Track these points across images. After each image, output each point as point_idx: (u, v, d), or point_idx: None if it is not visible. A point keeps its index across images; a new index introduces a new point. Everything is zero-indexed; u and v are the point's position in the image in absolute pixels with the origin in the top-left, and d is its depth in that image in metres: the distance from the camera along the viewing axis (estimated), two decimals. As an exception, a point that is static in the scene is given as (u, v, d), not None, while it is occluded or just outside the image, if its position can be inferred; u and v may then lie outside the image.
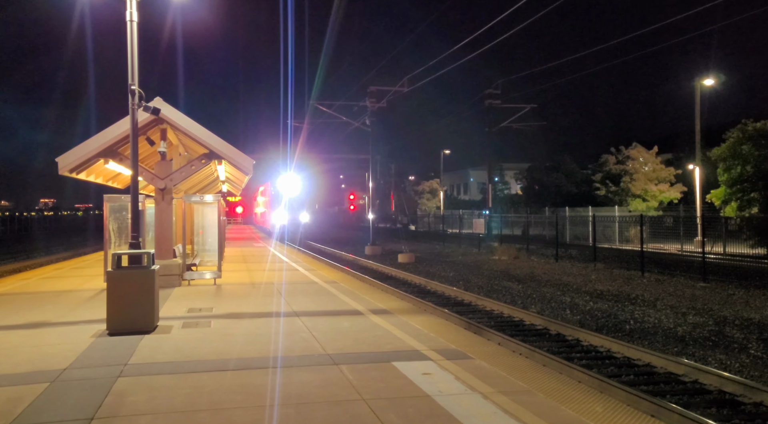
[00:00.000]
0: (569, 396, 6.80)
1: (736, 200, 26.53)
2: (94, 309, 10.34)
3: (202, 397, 5.62)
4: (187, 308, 10.70)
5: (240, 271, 17.37)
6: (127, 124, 11.76)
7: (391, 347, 7.65)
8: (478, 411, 5.21)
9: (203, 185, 26.87)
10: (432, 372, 6.44)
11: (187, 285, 13.84)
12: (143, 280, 8.63)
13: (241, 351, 7.44)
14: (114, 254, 8.90)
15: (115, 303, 8.49)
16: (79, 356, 7.17)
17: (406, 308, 12.31)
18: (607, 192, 38.57)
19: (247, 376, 6.30)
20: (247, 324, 9.22)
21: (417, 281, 20.63)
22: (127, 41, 9.61)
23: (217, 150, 13.57)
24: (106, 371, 6.48)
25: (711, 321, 13.39)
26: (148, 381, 6.13)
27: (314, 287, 13.74)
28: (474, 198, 74.33)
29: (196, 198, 15.66)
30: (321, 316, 9.91)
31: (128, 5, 9.56)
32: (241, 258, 22.16)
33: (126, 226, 13.16)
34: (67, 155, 12.71)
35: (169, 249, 13.65)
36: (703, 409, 7.69)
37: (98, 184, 16.71)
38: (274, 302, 11.45)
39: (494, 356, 8.23)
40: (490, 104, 38.16)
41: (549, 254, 30.07)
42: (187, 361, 6.95)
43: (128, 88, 9.61)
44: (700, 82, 30.95)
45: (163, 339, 8.12)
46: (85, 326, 8.96)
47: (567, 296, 17.23)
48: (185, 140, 15.36)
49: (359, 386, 5.93)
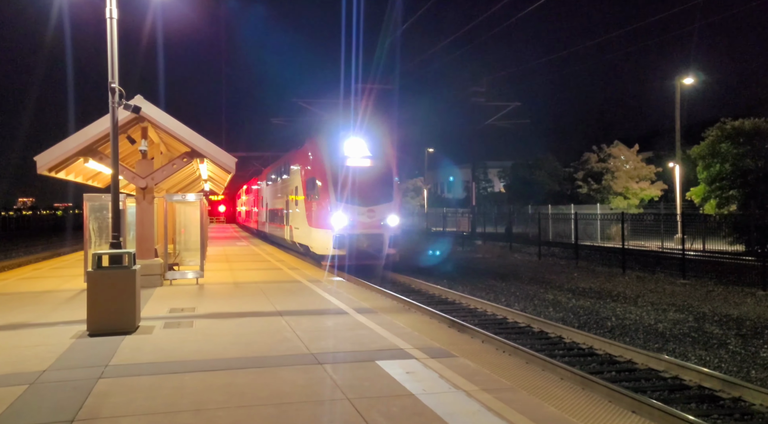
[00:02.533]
0: (552, 393, 6.86)
1: (715, 198, 26.91)
2: (75, 310, 10.21)
3: (184, 398, 5.57)
4: (168, 308, 10.61)
5: (223, 270, 17.26)
6: (107, 122, 11.63)
7: (375, 345, 7.65)
8: (461, 409, 5.23)
9: (185, 184, 26.66)
10: (416, 371, 6.44)
11: (169, 285, 13.73)
12: (124, 280, 8.55)
13: (223, 351, 7.40)
14: (94, 253, 8.79)
15: (96, 304, 8.40)
16: (59, 358, 7.08)
17: (390, 306, 12.32)
18: (589, 190, 38.91)
19: (229, 376, 6.26)
20: (229, 324, 9.16)
21: (401, 279, 20.66)
22: (107, 39, 9.49)
23: (199, 148, 13.46)
24: (86, 373, 6.40)
25: (691, 318, 13.57)
26: (129, 382, 6.06)
27: (298, 286, 13.69)
28: (458, 196, 74.60)
29: (178, 197, 15.52)
30: (304, 315, 9.88)
31: (108, 2, 9.44)
32: (224, 257, 22.02)
33: (106, 225, 13.00)
34: (46, 154, 12.53)
35: (150, 249, 13.52)
36: (683, 404, 7.79)
37: (78, 183, 16.51)
38: (258, 301, 11.39)
39: (478, 354, 8.28)
40: (474, 102, 38.29)
41: (532, 251, 30.26)
42: (169, 361, 6.89)
43: (108, 85, 9.49)
44: (680, 80, 31.30)
45: (144, 340, 8.04)
46: (65, 327, 8.85)
47: (550, 294, 17.35)
48: (167, 139, 15.21)
49: (343, 385, 5.92)
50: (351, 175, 21.08)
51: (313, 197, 21.90)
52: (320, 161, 21.58)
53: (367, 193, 21.06)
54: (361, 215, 20.75)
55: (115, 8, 9.47)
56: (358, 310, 10.35)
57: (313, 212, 21.92)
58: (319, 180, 21.51)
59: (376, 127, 22.31)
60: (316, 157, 22.09)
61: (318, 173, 21.68)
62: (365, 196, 21.01)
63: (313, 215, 21.94)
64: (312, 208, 22.06)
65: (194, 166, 17.85)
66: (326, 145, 21.66)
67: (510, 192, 52.20)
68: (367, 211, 20.86)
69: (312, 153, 22.76)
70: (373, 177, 21.43)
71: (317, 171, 21.79)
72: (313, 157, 22.46)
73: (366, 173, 21.37)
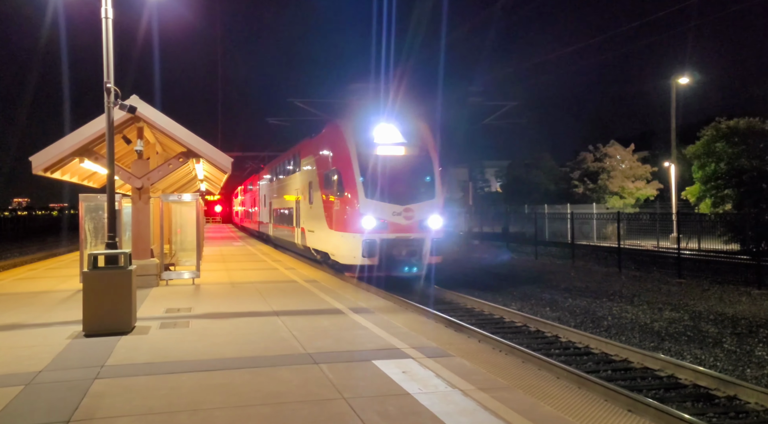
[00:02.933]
0: (548, 392, 6.87)
1: (711, 197, 27.01)
2: (70, 310, 10.19)
3: (181, 398, 5.56)
4: (165, 308, 10.59)
5: (219, 270, 17.24)
6: (102, 122, 11.58)
7: (371, 345, 7.65)
8: (458, 408, 5.23)
9: (181, 184, 26.62)
10: (412, 370, 6.45)
11: (165, 285, 13.71)
12: (120, 280, 8.53)
13: (220, 351, 7.39)
14: (90, 254, 8.77)
15: (92, 304, 8.38)
16: (55, 358, 7.06)
17: (387, 306, 12.32)
18: (585, 190, 39.00)
19: (226, 376, 6.26)
20: (226, 324, 9.15)
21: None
22: (102, 39, 9.47)
23: (194, 148, 13.44)
24: (82, 373, 6.39)
25: (686, 316, 13.61)
26: (125, 383, 6.05)
27: (294, 286, 13.68)
28: (454, 196, 74.61)
29: (174, 197, 15.49)
30: (301, 315, 9.88)
31: (103, 2, 9.42)
32: (220, 258, 21.99)
33: (102, 226, 12.98)
34: (41, 154, 12.50)
35: (146, 249, 13.50)
36: (679, 403, 7.81)
37: (74, 183, 16.46)
38: (254, 301, 11.38)
39: (474, 354, 8.28)
40: (471, 101, 38.32)
41: (529, 251, 30.31)
42: (166, 362, 6.88)
43: (104, 85, 9.48)
44: (676, 80, 31.39)
45: (140, 340, 8.03)
46: (61, 328, 8.83)
47: (546, 293, 17.38)
48: (162, 139, 15.18)
49: (339, 384, 5.92)
50: (383, 167, 17.29)
51: (335, 193, 17.84)
52: (344, 149, 17.63)
53: (404, 189, 17.42)
54: (395, 215, 17.12)
55: (111, 8, 9.45)
56: (355, 309, 10.35)
57: (335, 211, 17.96)
58: (342, 172, 17.51)
59: (413, 109, 18.75)
60: (340, 145, 18.00)
61: (341, 164, 17.67)
62: (401, 192, 17.33)
63: (335, 215, 17.96)
64: (333, 206, 18.06)
65: (190, 166, 17.83)
66: (353, 129, 17.83)
67: (506, 192, 52.24)
68: (403, 210, 17.14)
69: (333, 140, 18.58)
70: (410, 169, 17.69)
71: (340, 161, 17.78)
72: (336, 145, 18.34)
73: (401, 164, 17.67)
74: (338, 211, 17.86)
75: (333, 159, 18.48)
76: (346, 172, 17.46)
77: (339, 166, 17.86)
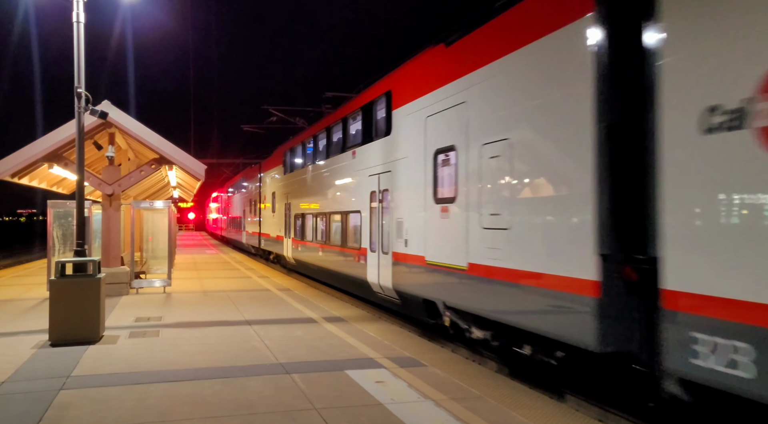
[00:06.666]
0: (521, 402, 6.89)
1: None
2: (37, 319, 9.94)
3: (149, 409, 5.46)
4: (134, 317, 10.41)
5: (191, 279, 17.02)
6: (72, 127, 11.38)
7: (344, 355, 7.61)
8: (430, 418, 5.22)
9: (154, 191, 26.28)
10: (385, 380, 6.43)
11: (136, 294, 13.48)
12: (88, 288, 8.36)
13: (190, 361, 7.28)
14: (58, 261, 8.59)
15: (59, 313, 8.20)
16: (19, 369, 6.88)
17: (360, 315, 12.27)
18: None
19: (195, 386, 6.16)
20: (197, 333, 9.02)
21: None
22: (74, 43, 9.33)
23: (167, 155, 13.30)
24: (47, 384, 6.23)
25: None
26: (92, 393, 5.92)
27: (267, 295, 13.57)
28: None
29: (146, 204, 15.28)
30: (274, 324, 9.79)
31: (75, 6, 9.29)
32: (193, 265, 21.72)
33: (71, 232, 12.75)
34: (9, 159, 12.25)
35: (116, 256, 13.28)
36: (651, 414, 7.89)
37: (43, 189, 16.15)
38: (226, 310, 11.25)
39: (448, 363, 8.28)
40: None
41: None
42: (134, 372, 6.75)
43: (74, 90, 9.33)
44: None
45: (108, 350, 7.87)
46: (26, 337, 8.61)
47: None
48: (135, 145, 14.99)
49: (311, 395, 5.87)
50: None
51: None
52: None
53: None
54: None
55: (83, 12, 9.33)
56: (328, 319, 10.29)
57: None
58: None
59: None
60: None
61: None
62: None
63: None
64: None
65: (163, 173, 17.62)
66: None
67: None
68: None
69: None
70: None
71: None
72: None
73: None
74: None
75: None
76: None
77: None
